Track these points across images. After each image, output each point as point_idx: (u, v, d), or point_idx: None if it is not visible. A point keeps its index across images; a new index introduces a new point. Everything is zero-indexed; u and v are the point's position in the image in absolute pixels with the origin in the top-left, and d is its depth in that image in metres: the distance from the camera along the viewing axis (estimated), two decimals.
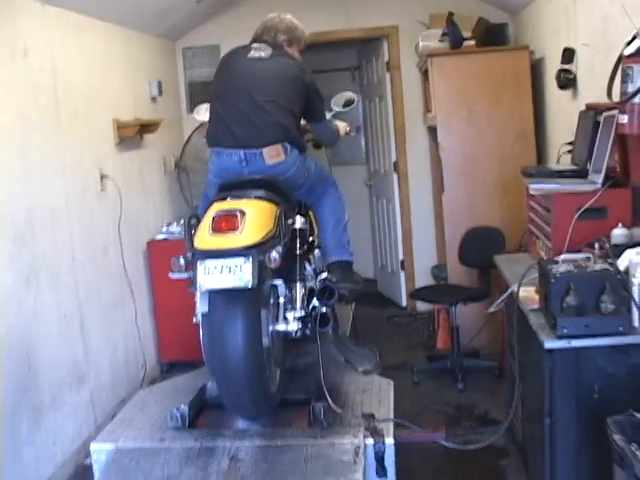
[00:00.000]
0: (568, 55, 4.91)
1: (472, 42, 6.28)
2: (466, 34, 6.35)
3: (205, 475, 3.21)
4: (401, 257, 7.72)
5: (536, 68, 6.01)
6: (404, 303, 7.75)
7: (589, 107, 4.27)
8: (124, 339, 5.55)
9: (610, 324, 2.95)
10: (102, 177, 5.31)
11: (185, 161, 6.73)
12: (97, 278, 5.14)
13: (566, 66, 4.97)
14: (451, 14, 6.22)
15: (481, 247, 5.66)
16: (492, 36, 6.52)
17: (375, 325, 7.02)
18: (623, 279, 2.98)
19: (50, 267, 4.50)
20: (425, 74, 6.54)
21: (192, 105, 7.19)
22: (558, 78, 5.02)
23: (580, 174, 4.02)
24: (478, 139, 5.97)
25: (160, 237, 6.18)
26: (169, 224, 6.33)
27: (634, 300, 2.96)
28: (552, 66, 5.42)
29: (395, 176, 7.62)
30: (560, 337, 2.98)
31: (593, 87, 4.50)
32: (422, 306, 7.22)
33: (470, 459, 4.37)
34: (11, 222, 4.11)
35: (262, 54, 3.99)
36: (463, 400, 5.24)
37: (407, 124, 7.41)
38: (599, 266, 3.06)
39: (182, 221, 6.10)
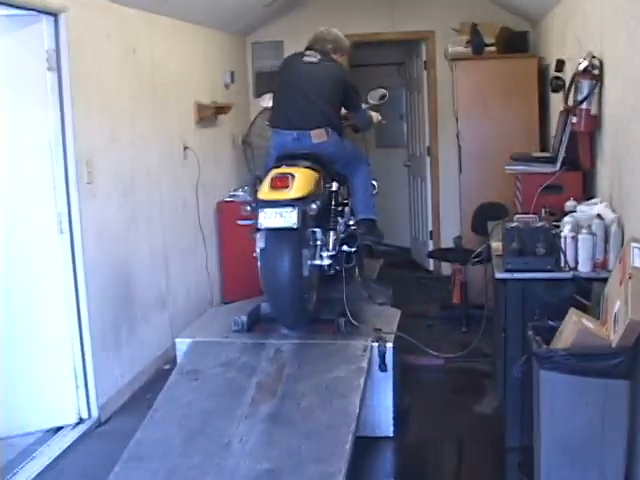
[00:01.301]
0: (559, 65, 6.08)
1: (493, 48, 7.51)
2: (490, 40, 7.56)
3: (257, 359, 4.59)
4: (430, 228, 9.00)
5: (544, 73, 7.19)
6: (431, 268, 9.02)
7: (564, 109, 5.50)
8: (196, 279, 6.93)
9: (542, 263, 4.23)
10: (185, 148, 6.69)
11: (250, 138, 8.06)
12: (178, 227, 6.53)
13: (558, 74, 6.15)
14: (475, 24, 7.45)
15: (489, 218, 6.88)
16: (514, 43, 7.72)
17: (405, 285, 8.24)
18: (553, 232, 4.25)
19: (145, 215, 5.89)
20: None
21: (257, 91, 8.53)
22: (551, 83, 6.22)
23: (551, 160, 5.28)
24: (491, 131, 7.19)
25: (227, 199, 7.53)
26: (235, 189, 7.69)
27: (560, 247, 4.22)
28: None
29: (428, 159, 8.88)
30: (506, 271, 4.27)
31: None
32: (446, 270, 8.46)
33: (460, 378, 5.71)
34: (121, 179, 5.50)
35: (313, 59, 5.32)
36: (464, 339, 6.42)
37: (439, 115, 8.62)
38: (540, 223, 4.35)
39: (245, 187, 7.48)
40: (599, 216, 4.21)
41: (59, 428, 4.94)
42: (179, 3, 6.27)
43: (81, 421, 5.02)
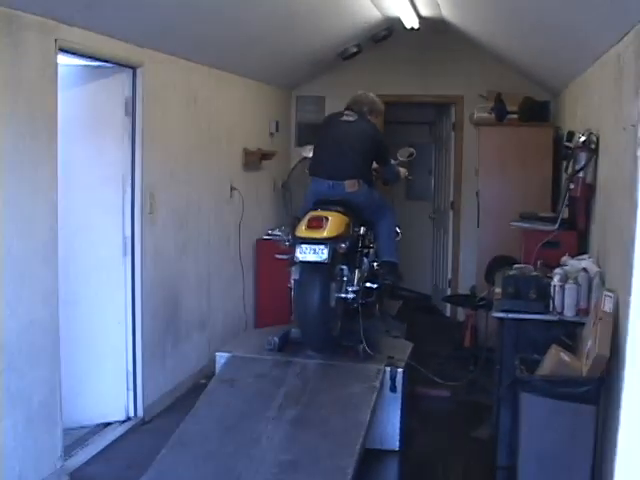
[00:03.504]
0: (570, 136, 6.77)
1: (515, 116, 8.28)
2: (512, 108, 8.32)
3: (285, 374, 5.33)
4: (449, 277, 9.72)
5: (559, 141, 7.90)
6: (448, 313, 9.73)
7: (568, 176, 6.23)
8: (233, 305, 7.71)
9: (533, 306, 4.95)
10: (232, 188, 7.50)
11: (289, 183, 8.87)
12: (221, 258, 7.32)
13: (568, 144, 6.86)
14: (499, 94, 8.24)
15: (500, 270, 7.60)
16: (536, 111, 8.46)
17: (422, 327, 8.93)
18: (545, 281, 4.98)
19: (194, 245, 6.68)
20: None
21: (298, 141, 9.42)
22: (560, 152, 6.96)
23: (552, 220, 6.02)
24: (507, 191, 7.91)
25: (265, 237, 8.31)
26: (273, 229, 8.46)
27: (550, 294, 4.94)
28: None
29: (451, 213, 9.64)
30: (502, 311, 4.99)
31: None
32: (461, 316, 9.15)
33: (463, 408, 6.42)
34: (176, 212, 6.31)
35: (350, 119, 6.10)
36: (471, 377, 7.14)
37: (463, 172, 9.38)
38: (534, 273, 5.08)
39: (282, 227, 8.25)
40: (585, 269, 4.93)
41: (108, 424, 5.69)
42: (235, 59, 7.12)
43: (128, 419, 5.78)
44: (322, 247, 5.26)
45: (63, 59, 4.73)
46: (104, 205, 5.52)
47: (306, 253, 5.26)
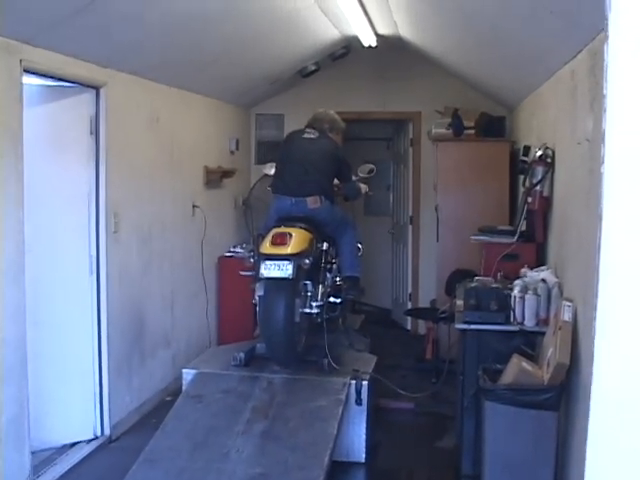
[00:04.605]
0: (525, 150, 6.93)
1: (472, 131, 8.43)
2: (469, 124, 8.47)
3: (252, 389, 5.38)
4: (409, 290, 9.84)
5: (515, 156, 8.07)
6: (409, 327, 9.84)
7: (525, 190, 6.38)
8: (197, 322, 7.75)
9: (494, 317, 5.06)
10: (194, 206, 7.55)
11: (250, 201, 8.93)
12: (185, 276, 7.36)
13: (524, 158, 7.00)
14: (456, 109, 8.39)
15: (460, 283, 7.73)
16: (492, 127, 8.62)
17: (384, 340, 8.98)
18: (505, 293, 5.10)
19: (158, 262, 6.72)
20: None
21: (259, 158, 9.49)
22: (517, 166, 7.11)
23: (511, 233, 6.15)
24: (466, 205, 8.04)
25: (227, 254, 8.37)
26: (234, 246, 8.53)
27: (510, 305, 5.06)
28: None
29: (410, 227, 9.76)
30: (464, 322, 5.10)
31: None
32: (422, 329, 9.26)
33: (427, 419, 6.52)
34: (140, 229, 6.35)
35: (312, 136, 6.20)
36: (434, 388, 7.25)
37: (422, 188, 9.52)
38: (494, 285, 5.20)
39: (244, 244, 8.33)
40: (543, 280, 5.06)
41: (75, 443, 5.70)
42: (196, 78, 7.18)
43: (95, 438, 5.78)
44: (286, 263, 5.33)
45: (27, 79, 4.76)
46: (70, 224, 5.54)
47: (270, 269, 5.33)
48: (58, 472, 5.25)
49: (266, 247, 5.42)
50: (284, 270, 5.32)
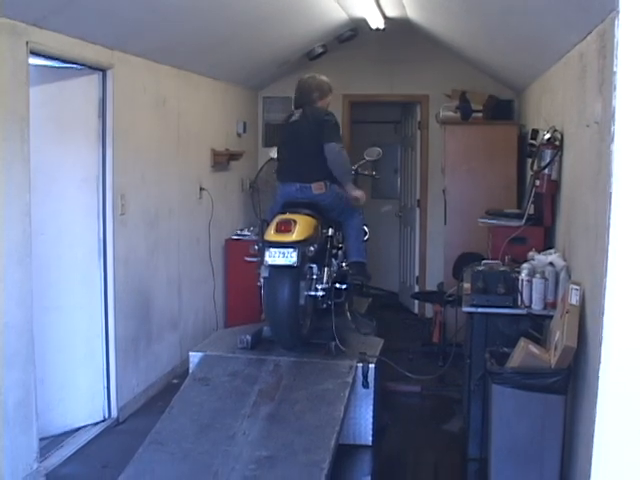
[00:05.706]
0: (534, 133, 6.89)
1: (480, 114, 8.39)
2: (477, 107, 8.43)
3: (259, 371, 5.38)
4: (417, 274, 9.83)
5: (523, 139, 8.04)
6: (416, 310, 9.84)
7: (534, 173, 6.35)
8: (204, 305, 7.75)
9: (501, 300, 5.05)
10: (201, 189, 7.54)
11: (257, 184, 8.92)
12: (192, 259, 7.36)
13: (532, 141, 6.96)
14: (464, 92, 8.36)
15: (468, 266, 7.71)
16: (500, 110, 8.61)
17: (391, 324, 9.00)
18: (512, 276, 5.08)
19: (165, 245, 6.72)
20: None
21: (266, 141, 9.49)
22: (525, 149, 7.08)
23: (519, 216, 6.12)
24: (474, 188, 8.01)
25: (235, 237, 8.37)
26: (241, 229, 8.52)
27: (518, 288, 5.04)
28: None
29: (418, 210, 9.74)
30: (471, 305, 5.09)
31: None
32: (429, 312, 9.25)
33: (434, 402, 6.52)
34: (147, 213, 6.34)
35: (295, 118, 6.08)
36: (440, 372, 7.24)
37: (429, 171, 9.49)
38: (502, 268, 5.18)
39: (251, 227, 8.32)
40: (551, 264, 5.04)
41: (83, 426, 5.71)
42: (203, 61, 7.16)
43: (103, 420, 5.80)
44: (291, 250, 5.29)
45: (34, 61, 4.74)
46: (78, 207, 5.53)
47: (275, 257, 5.29)
48: (65, 454, 5.27)
49: (271, 234, 5.38)
50: (288, 258, 5.27)
